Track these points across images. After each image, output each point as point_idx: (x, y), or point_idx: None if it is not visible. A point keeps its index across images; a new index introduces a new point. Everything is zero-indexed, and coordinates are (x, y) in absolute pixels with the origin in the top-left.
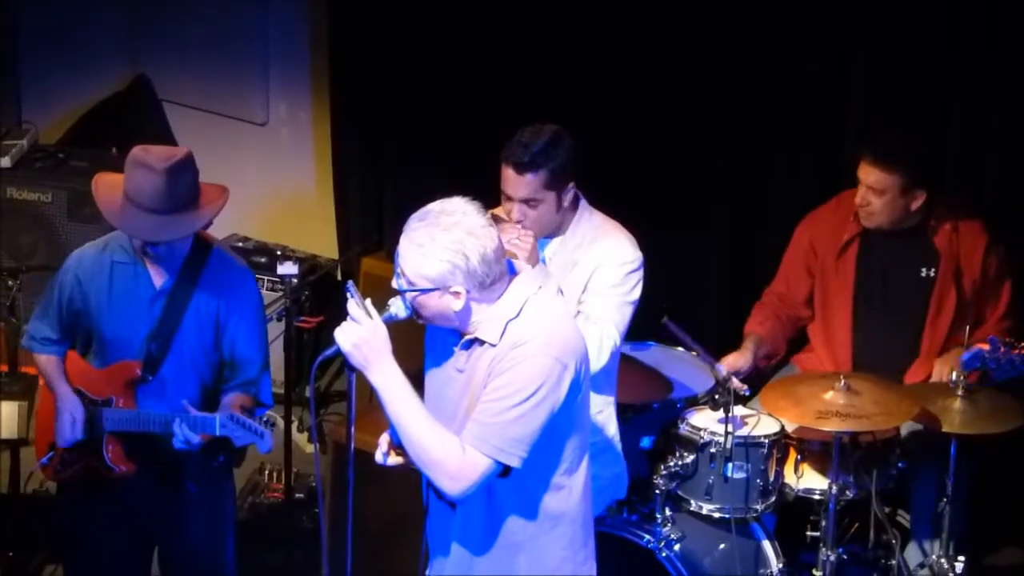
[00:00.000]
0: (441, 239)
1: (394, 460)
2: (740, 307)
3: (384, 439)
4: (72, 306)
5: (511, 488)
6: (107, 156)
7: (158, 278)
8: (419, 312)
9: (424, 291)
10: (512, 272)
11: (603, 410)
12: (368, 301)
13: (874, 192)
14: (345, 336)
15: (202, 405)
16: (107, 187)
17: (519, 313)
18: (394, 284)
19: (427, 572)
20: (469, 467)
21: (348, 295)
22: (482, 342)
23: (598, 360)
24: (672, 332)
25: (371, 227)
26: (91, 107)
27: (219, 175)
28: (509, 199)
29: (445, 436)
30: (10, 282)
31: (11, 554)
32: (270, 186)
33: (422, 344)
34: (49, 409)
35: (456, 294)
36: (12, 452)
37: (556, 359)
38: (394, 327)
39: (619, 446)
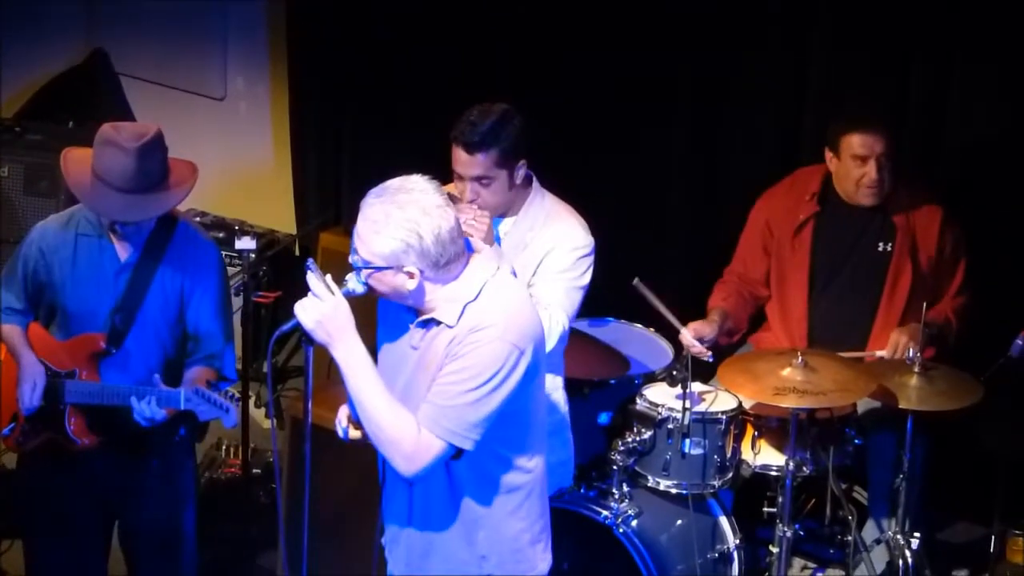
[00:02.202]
0: (396, 216)
1: (354, 434)
2: (702, 285)
3: (343, 412)
4: (36, 278)
5: (470, 467)
6: (64, 130)
7: (123, 251)
8: (374, 289)
9: (377, 269)
10: (470, 251)
11: (551, 392)
12: (328, 277)
13: (885, 159)
14: (308, 313)
15: (165, 378)
16: (76, 163)
17: (477, 296)
18: (350, 260)
19: (382, 543)
20: (423, 448)
21: (308, 271)
22: (439, 322)
23: (547, 346)
24: (642, 292)
25: (329, 202)
26: (48, 81)
27: (177, 149)
28: (461, 178)
29: (403, 416)
30: None
31: None
32: (228, 161)
33: (375, 318)
34: (10, 380)
35: (410, 274)
36: None
37: (513, 344)
38: (353, 301)
39: (568, 430)
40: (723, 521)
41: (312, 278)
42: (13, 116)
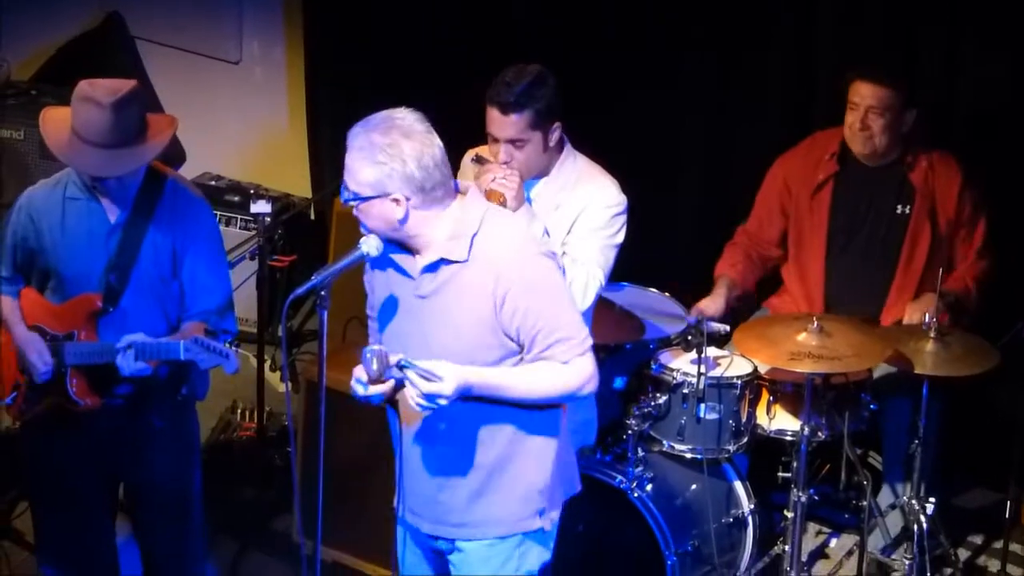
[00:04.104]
0: (378, 142)
1: (376, 390)
2: (713, 247)
3: (359, 371)
4: (26, 244)
5: (494, 412)
6: None
7: (112, 212)
8: (366, 223)
9: (364, 199)
10: (456, 189)
11: None
12: (416, 363)
13: (875, 112)
14: (444, 399)
15: (166, 335)
16: (54, 122)
17: (480, 227)
18: (342, 197)
19: (397, 503)
20: (587, 370)
21: (404, 370)
22: (450, 261)
23: (583, 301)
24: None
25: (344, 166)
26: (64, 44)
27: (192, 113)
28: (495, 140)
29: (548, 370)
30: None
31: None
32: (243, 124)
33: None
34: (11, 347)
35: (396, 201)
36: None
37: (544, 254)
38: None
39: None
40: (738, 486)
41: (412, 374)
42: (29, 80)
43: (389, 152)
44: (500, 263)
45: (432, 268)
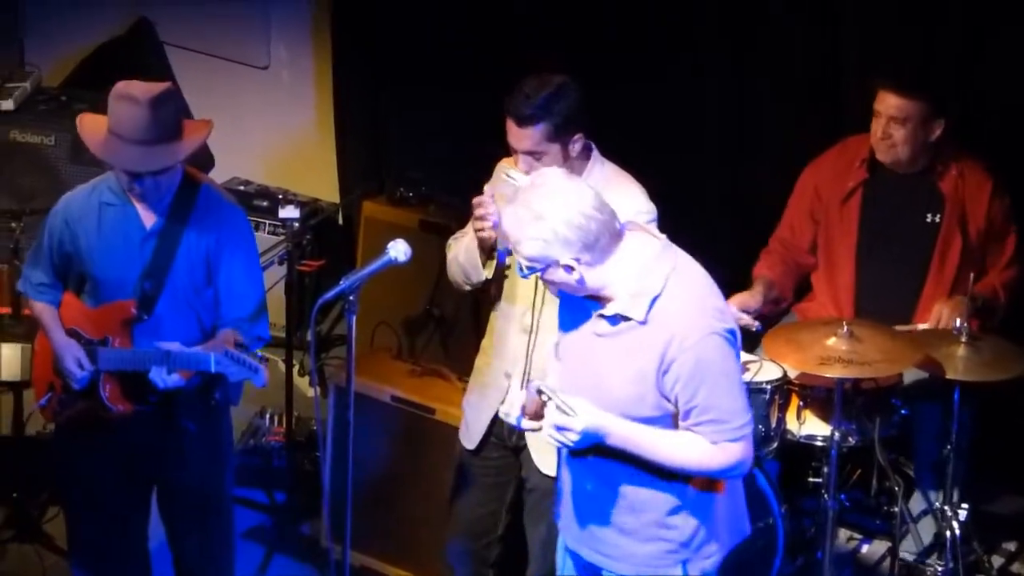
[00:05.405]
0: (523, 215)
1: (529, 424)
2: (744, 253)
3: (518, 401)
4: (63, 248)
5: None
6: None
7: (148, 219)
8: (552, 287)
9: (537, 270)
10: (624, 228)
11: None
12: (558, 394)
13: (896, 122)
14: (574, 430)
15: (200, 342)
16: (92, 124)
17: (663, 289)
18: (523, 270)
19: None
20: (735, 455)
21: (544, 398)
22: (629, 318)
23: None
24: None
25: (372, 171)
26: (93, 50)
27: (220, 119)
28: (515, 150)
29: (691, 446)
30: (13, 224)
31: (15, 495)
32: (271, 130)
33: (418, 286)
34: (46, 350)
35: (568, 268)
36: (15, 394)
37: (720, 333)
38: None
39: None
40: (768, 492)
41: (550, 404)
42: (59, 85)
43: (537, 225)
44: (675, 330)
45: (612, 321)
